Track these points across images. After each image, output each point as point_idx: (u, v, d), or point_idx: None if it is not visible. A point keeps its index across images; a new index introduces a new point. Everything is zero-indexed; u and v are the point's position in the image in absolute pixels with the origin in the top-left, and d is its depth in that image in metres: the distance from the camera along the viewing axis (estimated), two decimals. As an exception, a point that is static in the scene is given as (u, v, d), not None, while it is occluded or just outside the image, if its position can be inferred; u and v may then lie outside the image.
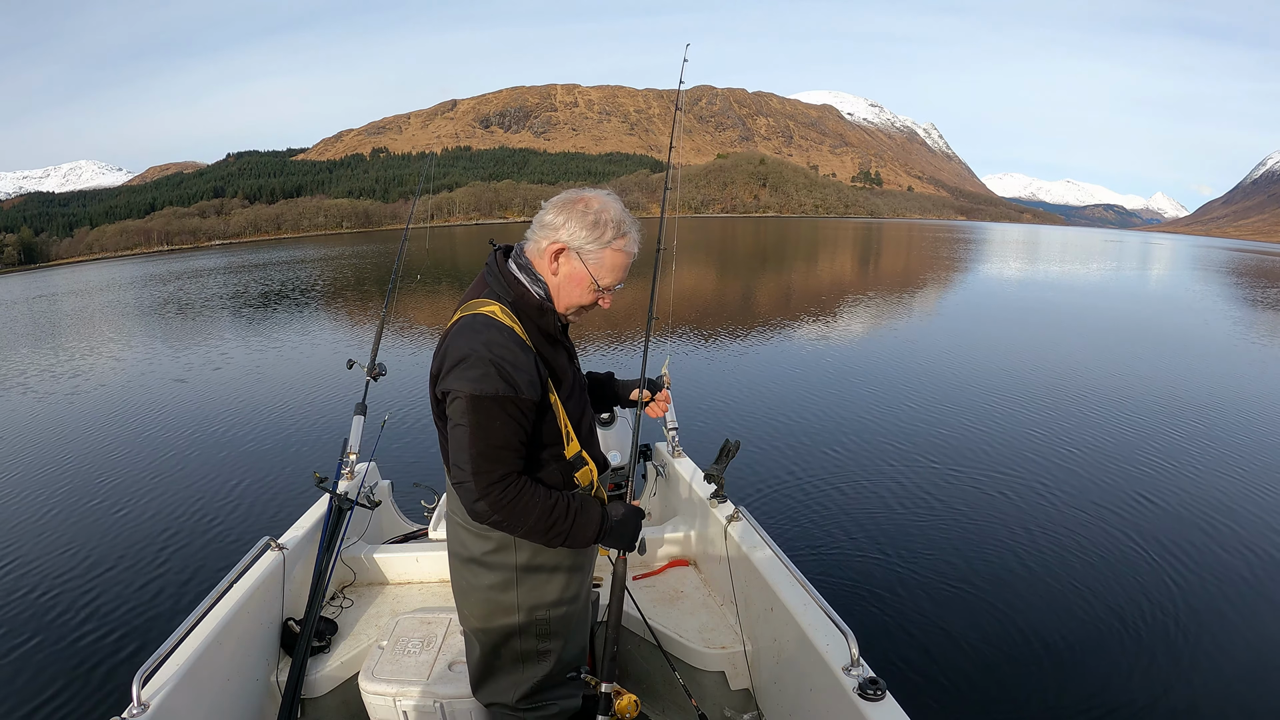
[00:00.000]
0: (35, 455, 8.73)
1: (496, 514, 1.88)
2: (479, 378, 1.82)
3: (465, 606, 2.25)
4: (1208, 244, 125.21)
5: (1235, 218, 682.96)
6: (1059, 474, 7.08)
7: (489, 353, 1.84)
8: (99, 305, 29.49)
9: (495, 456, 1.86)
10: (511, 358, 1.86)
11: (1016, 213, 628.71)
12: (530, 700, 2.26)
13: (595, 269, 1.98)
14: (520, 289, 1.99)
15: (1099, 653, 4.28)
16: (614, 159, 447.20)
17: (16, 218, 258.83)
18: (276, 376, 12.48)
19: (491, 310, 1.93)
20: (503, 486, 1.87)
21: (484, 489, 1.86)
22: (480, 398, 1.83)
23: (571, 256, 1.97)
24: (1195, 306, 22.98)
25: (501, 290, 1.99)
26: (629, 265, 2.04)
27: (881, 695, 2.00)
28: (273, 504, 6.72)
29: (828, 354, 13.20)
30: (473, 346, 1.86)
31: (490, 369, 1.83)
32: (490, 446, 1.86)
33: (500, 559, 2.12)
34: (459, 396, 1.85)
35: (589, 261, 1.97)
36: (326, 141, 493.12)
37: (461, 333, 1.91)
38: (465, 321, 1.94)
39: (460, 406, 1.85)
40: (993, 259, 44.17)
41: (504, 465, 1.88)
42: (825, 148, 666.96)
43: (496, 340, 1.87)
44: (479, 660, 2.27)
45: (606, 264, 1.98)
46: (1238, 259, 60.04)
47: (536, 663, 2.23)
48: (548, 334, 2.02)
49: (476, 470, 1.86)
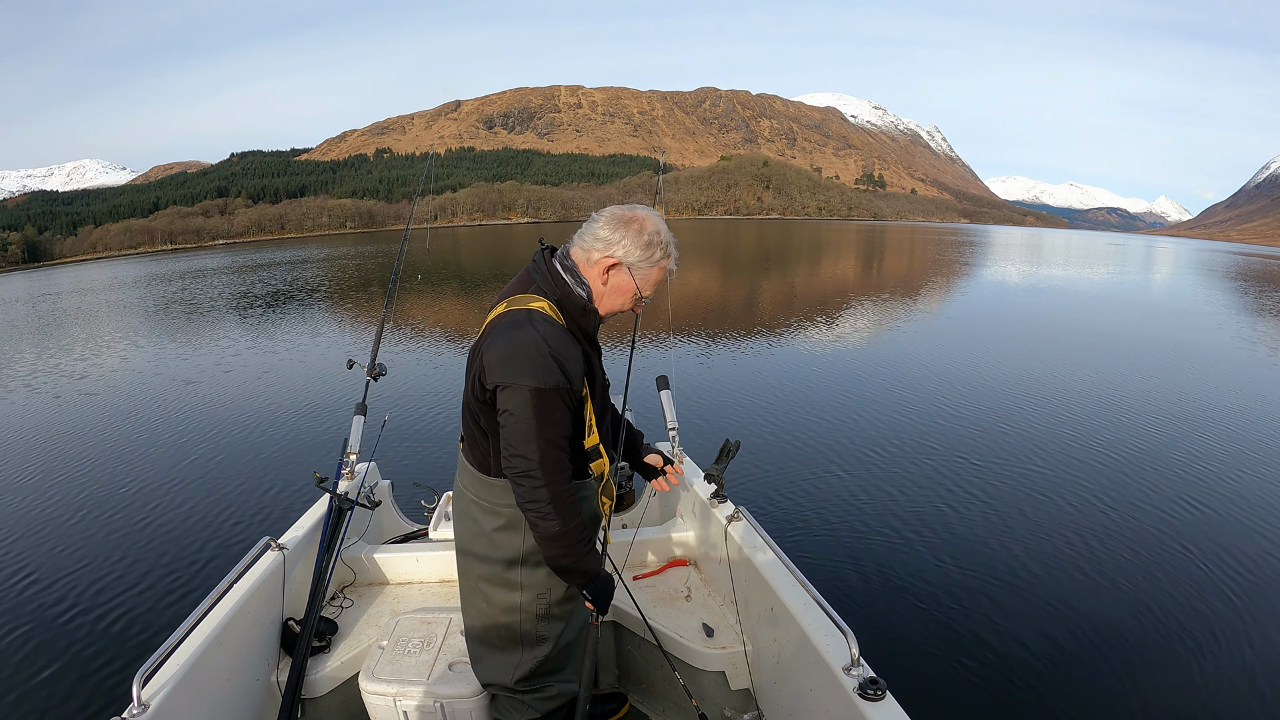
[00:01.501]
0: (35, 455, 8.73)
1: (553, 505, 1.98)
2: (541, 371, 1.92)
3: (467, 583, 2.33)
4: (1211, 248, 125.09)
5: (1238, 221, 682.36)
6: (1059, 474, 7.07)
7: (547, 346, 1.95)
8: (101, 304, 29.54)
9: (560, 445, 2.00)
10: (566, 351, 1.98)
11: (1020, 216, 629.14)
12: (528, 683, 2.33)
13: (642, 283, 2.13)
14: (566, 289, 2.10)
15: (1099, 653, 4.27)
16: (617, 160, 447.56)
17: (20, 216, 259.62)
18: (277, 376, 12.48)
19: (541, 306, 2.04)
20: (564, 479, 2.01)
21: (550, 478, 1.97)
22: (544, 390, 1.93)
23: (623, 270, 2.10)
24: (1199, 311, 22.93)
25: (548, 288, 2.09)
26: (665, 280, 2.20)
27: (881, 695, 2.01)
28: (273, 504, 6.71)
29: (828, 355, 13.20)
30: (532, 340, 1.95)
31: (551, 362, 1.93)
32: (556, 436, 1.99)
33: (508, 539, 2.21)
34: (520, 389, 1.93)
35: (638, 277, 2.12)
36: (330, 142, 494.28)
37: (516, 326, 2.00)
38: (518, 316, 2.02)
39: (522, 399, 1.94)
40: (996, 262, 44.11)
41: (565, 453, 2.02)
42: (829, 150, 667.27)
43: (552, 334, 1.98)
44: (479, 637, 2.34)
45: (652, 279, 2.15)
46: (1242, 263, 59.95)
47: (535, 645, 2.30)
48: (585, 333, 2.15)
49: (544, 459, 1.96)
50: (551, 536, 2.04)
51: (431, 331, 16.32)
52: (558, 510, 1.99)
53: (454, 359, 13.09)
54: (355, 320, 19.78)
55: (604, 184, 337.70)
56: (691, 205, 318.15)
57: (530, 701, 2.39)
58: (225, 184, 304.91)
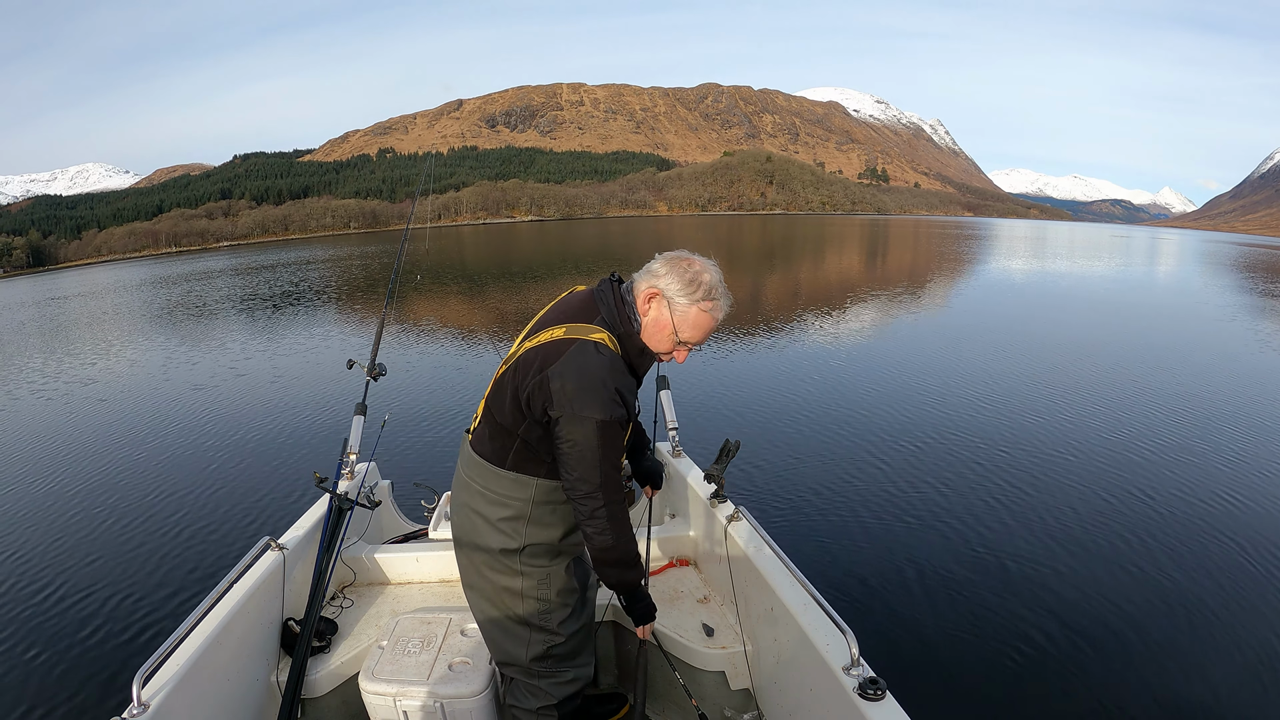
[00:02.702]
0: (35, 455, 8.78)
1: (610, 522, 2.13)
2: (607, 404, 2.01)
3: (471, 569, 2.38)
4: (1216, 239, 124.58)
5: (1243, 212, 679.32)
6: (1060, 474, 7.06)
7: (613, 381, 2.04)
8: (106, 308, 29.66)
9: (618, 468, 2.12)
10: (625, 386, 2.09)
11: (1023, 208, 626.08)
12: (542, 664, 2.40)
13: (679, 321, 2.13)
14: (629, 327, 2.17)
15: (1099, 653, 4.26)
16: (620, 157, 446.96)
17: (24, 221, 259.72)
18: (277, 377, 12.53)
19: (602, 338, 2.09)
20: (620, 499, 2.15)
21: (610, 498, 2.11)
22: (609, 423, 2.02)
23: (662, 303, 2.13)
24: (1207, 303, 22.86)
25: (613, 322, 2.15)
26: (710, 329, 2.17)
27: (881, 695, 2.01)
28: (273, 504, 6.73)
29: (829, 354, 13.17)
30: (600, 376, 2.03)
31: (615, 396, 2.03)
32: (614, 465, 2.10)
33: (512, 528, 2.28)
34: (588, 421, 2.01)
35: (675, 313, 2.12)
36: (333, 142, 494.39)
37: (584, 357, 2.05)
38: (586, 347, 2.06)
39: (588, 430, 2.02)
40: (999, 256, 43.99)
41: (621, 475, 2.19)
42: (831, 144, 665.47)
43: (617, 369, 2.07)
44: (489, 619, 2.41)
45: (690, 319, 2.13)
46: (1247, 254, 59.75)
47: (541, 628, 2.36)
48: (634, 372, 2.22)
49: (605, 482, 2.09)
50: (606, 549, 2.18)
51: (432, 331, 16.33)
52: (613, 527, 2.14)
53: (454, 359, 13.11)
54: (355, 320, 19.82)
55: (607, 181, 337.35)
56: (695, 201, 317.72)
57: (546, 686, 2.43)
58: (229, 186, 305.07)
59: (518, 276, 29.62)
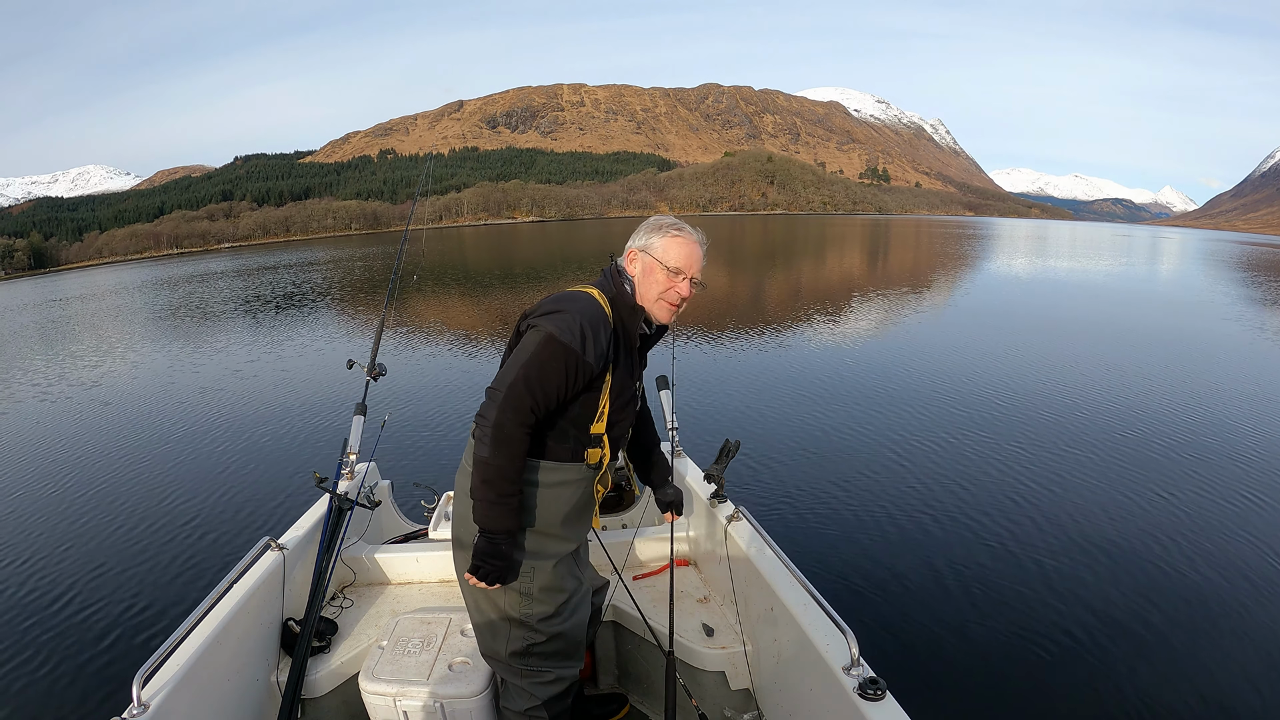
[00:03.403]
0: (35, 455, 8.80)
1: (493, 431, 2.10)
2: (564, 326, 2.12)
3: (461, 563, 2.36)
4: (1217, 238, 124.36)
5: (1244, 211, 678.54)
6: (1061, 474, 7.04)
7: (581, 314, 2.15)
8: (106, 309, 29.68)
9: (533, 388, 2.11)
10: (594, 326, 2.16)
11: (1025, 208, 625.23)
12: (523, 661, 2.39)
13: (660, 255, 2.30)
14: (620, 288, 2.32)
15: (1100, 652, 4.25)
16: (621, 158, 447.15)
17: (26, 223, 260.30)
18: (277, 377, 12.53)
19: (593, 292, 2.27)
20: (518, 419, 2.11)
21: (506, 404, 2.10)
22: (555, 339, 2.10)
23: (640, 254, 2.33)
24: (1210, 301, 22.81)
25: (607, 285, 2.33)
26: (694, 254, 2.33)
27: (881, 695, 2.01)
28: (273, 504, 6.73)
29: (829, 354, 13.16)
30: (571, 304, 2.18)
31: (576, 325, 2.12)
32: (537, 378, 2.11)
33: None
34: (541, 330, 2.14)
35: (654, 252, 2.30)
36: (334, 144, 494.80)
37: (566, 294, 2.26)
38: (571, 291, 2.28)
39: (534, 337, 2.14)
40: (1001, 256, 43.88)
41: (533, 399, 2.12)
42: (832, 145, 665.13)
43: (590, 310, 2.19)
44: (474, 609, 2.42)
45: (672, 251, 2.30)
46: (1248, 253, 59.64)
47: (521, 624, 2.35)
48: (627, 337, 2.32)
49: (513, 386, 2.11)
50: (478, 461, 2.14)
51: (432, 332, 16.33)
52: (493, 438, 2.10)
53: (454, 359, 13.10)
54: (356, 321, 19.83)
55: (608, 182, 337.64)
56: (696, 202, 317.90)
57: (529, 686, 2.43)
58: (230, 187, 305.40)
59: (519, 277, 29.60)
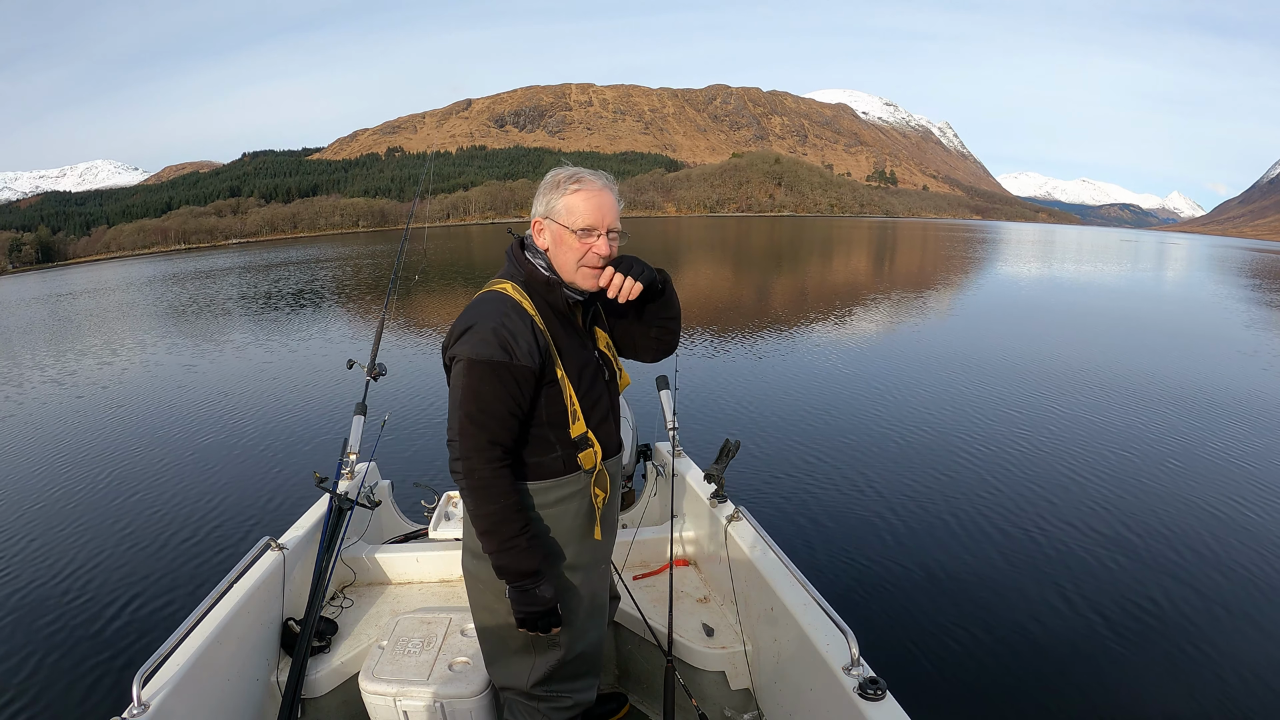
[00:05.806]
0: (35, 455, 8.80)
1: (467, 479, 1.96)
2: (478, 343, 1.93)
3: (476, 583, 2.25)
4: (1225, 244, 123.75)
5: (1252, 217, 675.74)
6: (1062, 474, 7.02)
7: (489, 321, 1.95)
8: (112, 305, 29.82)
9: (482, 422, 1.94)
10: (510, 325, 1.96)
11: (1032, 212, 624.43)
12: (545, 687, 2.26)
13: (565, 218, 2.02)
14: (530, 268, 2.09)
15: (1100, 652, 4.24)
16: (629, 158, 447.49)
17: (34, 217, 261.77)
18: (277, 376, 12.53)
19: (502, 287, 2.06)
20: (484, 458, 1.95)
21: (466, 451, 1.95)
22: (476, 361, 1.93)
23: (547, 222, 2.06)
24: (1215, 306, 22.75)
25: (515, 271, 2.11)
26: (603, 204, 2.03)
27: (881, 695, 2.00)
28: (273, 504, 6.73)
29: (830, 354, 13.14)
30: (477, 315, 1.98)
31: (490, 336, 1.93)
32: (480, 410, 1.94)
33: None
34: (460, 360, 1.96)
35: (558, 217, 2.03)
36: (342, 141, 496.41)
37: (471, 306, 2.04)
38: (477, 297, 2.07)
39: (458, 370, 1.97)
40: (1008, 260, 43.80)
41: (489, 432, 1.95)
42: (840, 147, 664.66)
43: (498, 310, 1.98)
44: (491, 638, 2.29)
45: (575, 209, 2.01)
46: (1257, 259, 59.34)
47: (547, 649, 2.23)
48: (558, 310, 2.10)
49: (463, 431, 1.95)
50: (471, 517, 2.02)
51: (432, 331, 16.34)
52: (471, 489, 1.96)
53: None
54: (356, 320, 19.86)
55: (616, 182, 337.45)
56: (703, 203, 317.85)
57: (544, 710, 2.30)
58: (238, 184, 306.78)
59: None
